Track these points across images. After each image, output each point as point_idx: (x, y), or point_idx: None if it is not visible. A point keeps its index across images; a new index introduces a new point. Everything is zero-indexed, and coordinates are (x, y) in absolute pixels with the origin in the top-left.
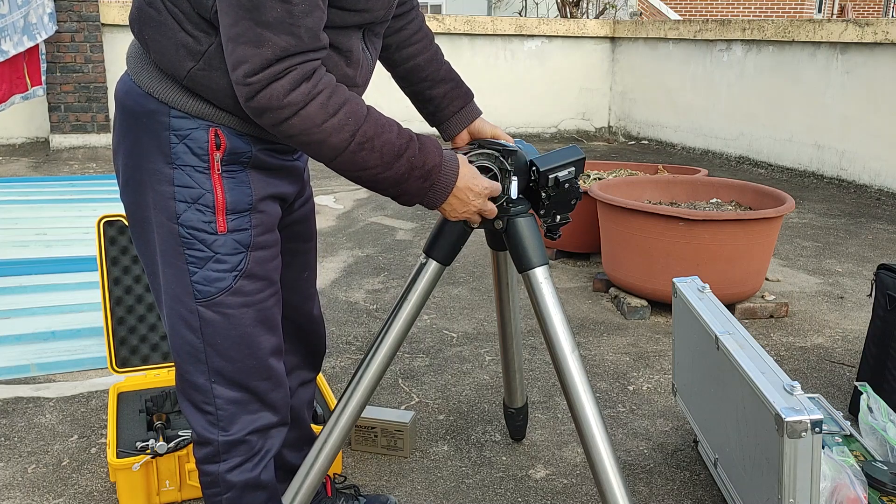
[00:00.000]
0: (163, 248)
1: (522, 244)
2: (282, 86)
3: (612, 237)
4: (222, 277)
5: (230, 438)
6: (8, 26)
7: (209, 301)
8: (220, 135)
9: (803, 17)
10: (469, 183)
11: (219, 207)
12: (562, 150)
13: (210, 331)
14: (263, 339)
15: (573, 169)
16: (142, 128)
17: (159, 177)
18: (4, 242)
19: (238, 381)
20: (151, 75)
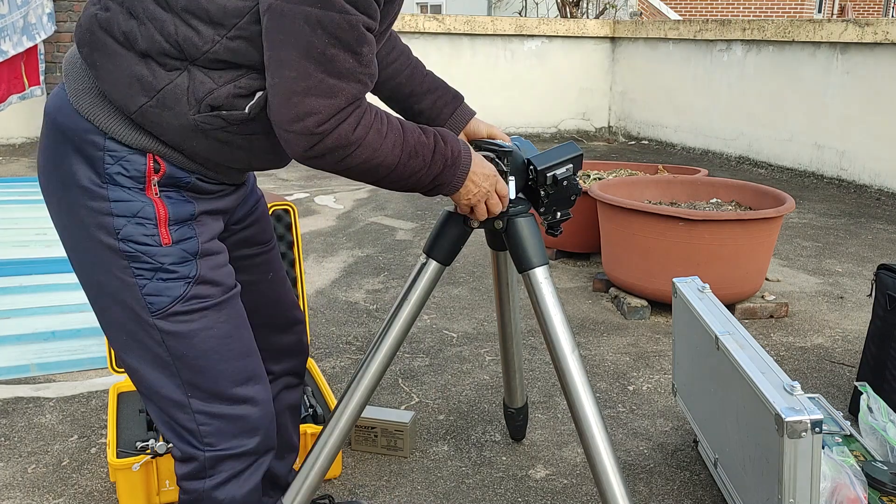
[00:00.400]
0: (105, 267)
1: (522, 244)
2: (349, 124)
3: (612, 237)
4: (173, 286)
5: (217, 454)
6: (7, 26)
7: (164, 312)
8: (159, 160)
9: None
10: (480, 167)
11: (161, 220)
12: (558, 148)
13: (174, 343)
14: (232, 342)
15: (571, 166)
16: (72, 146)
17: (92, 193)
18: (4, 242)
19: (216, 392)
20: (93, 101)
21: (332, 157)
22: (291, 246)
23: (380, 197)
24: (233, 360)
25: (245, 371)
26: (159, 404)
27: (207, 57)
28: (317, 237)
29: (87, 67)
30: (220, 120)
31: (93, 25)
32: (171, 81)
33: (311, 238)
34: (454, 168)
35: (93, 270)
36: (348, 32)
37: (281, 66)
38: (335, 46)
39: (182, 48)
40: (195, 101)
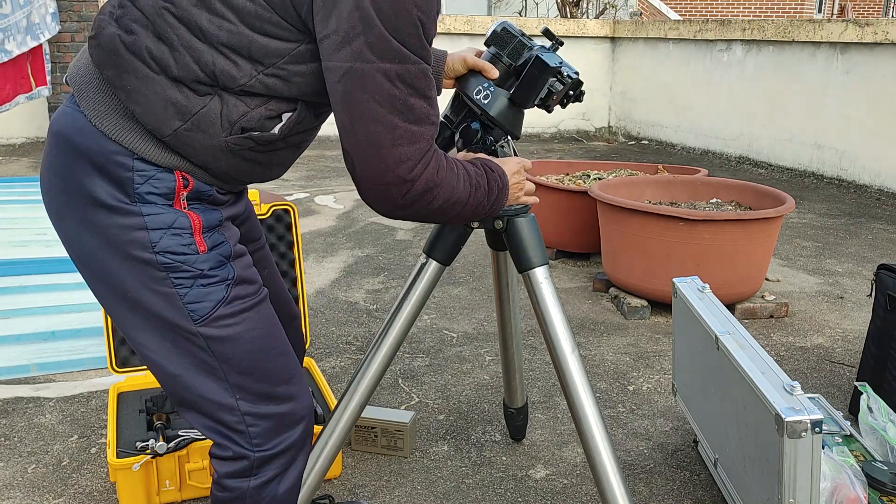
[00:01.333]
0: (140, 282)
1: (522, 244)
2: (433, 167)
3: (612, 237)
4: (215, 290)
5: (266, 453)
6: (11, 26)
7: (209, 318)
8: (188, 176)
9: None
10: (511, 171)
11: (195, 228)
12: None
13: (220, 347)
14: (273, 339)
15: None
16: (94, 166)
17: (122, 211)
18: (4, 242)
19: (264, 392)
20: (120, 122)
21: (421, 202)
22: (291, 246)
23: None
24: (276, 357)
25: (287, 368)
26: (204, 409)
27: (241, 88)
28: (317, 237)
29: (113, 89)
30: (250, 141)
31: (118, 47)
32: (204, 105)
33: (311, 238)
34: (503, 188)
35: (125, 288)
36: (422, 80)
37: (366, 122)
38: (413, 95)
39: (217, 78)
40: (228, 124)
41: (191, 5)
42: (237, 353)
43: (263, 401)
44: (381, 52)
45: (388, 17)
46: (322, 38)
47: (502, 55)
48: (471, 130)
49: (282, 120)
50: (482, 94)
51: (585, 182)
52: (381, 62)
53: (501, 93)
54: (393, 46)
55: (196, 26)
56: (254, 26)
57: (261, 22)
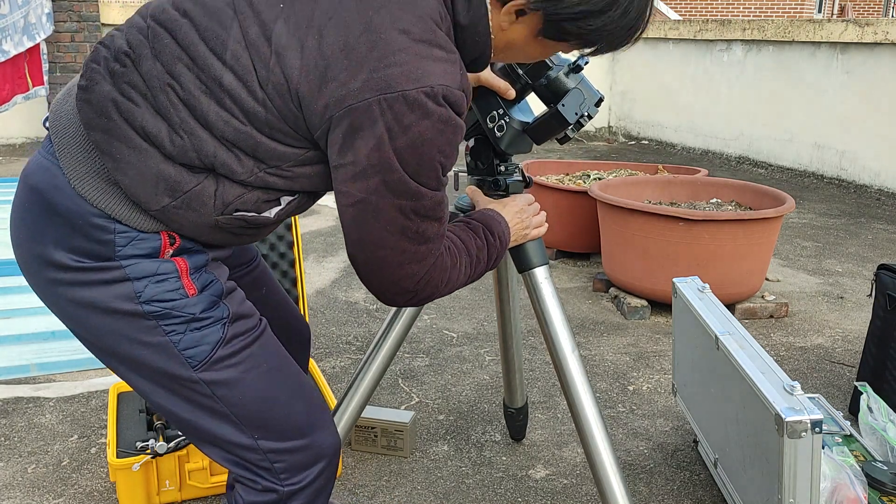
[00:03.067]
0: (129, 337)
1: (522, 244)
2: (438, 275)
3: (612, 237)
4: (211, 332)
5: (295, 487)
6: (9, 26)
7: (208, 362)
8: (175, 236)
9: (803, 17)
10: (514, 221)
11: (182, 271)
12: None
13: (225, 392)
14: (282, 375)
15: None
16: (69, 226)
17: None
18: (4, 242)
19: (284, 430)
20: (102, 189)
21: (424, 298)
22: (291, 246)
23: None
24: (289, 393)
25: (304, 399)
26: (225, 448)
27: (241, 180)
28: (317, 237)
29: (99, 153)
30: (242, 222)
31: (109, 110)
32: (198, 183)
33: (311, 238)
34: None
35: (114, 343)
36: (434, 209)
37: (375, 246)
38: (425, 221)
39: (216, 168)
40: (222, 205)
41: (199, 91)
42: (246, 396)
43: (286, 438)
44: (399, 192)
45: (409, 164)
46: (337, 166)
47: (520, 71)
48: (482, 154)
49: (280, 204)
50: (496, 123)
51: (585, 182)
52: (396, 199)
53: (515, 124)
54: (410, 188)
55: (201, 114)
56: (263, 131)
57: (270, 129)
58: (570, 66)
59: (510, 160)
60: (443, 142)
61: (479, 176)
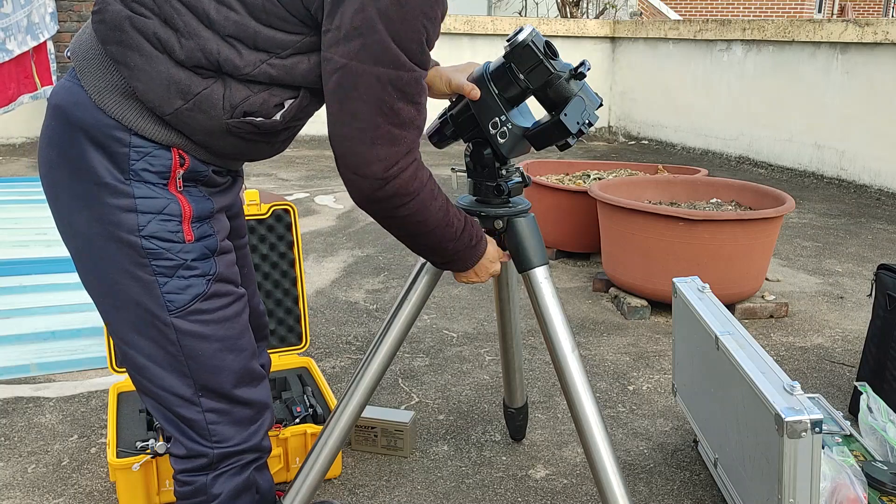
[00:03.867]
0: (120, 265)
1: (522, 244)
2: (409, 173)
3: (612, 237)
4: (195, 283)
5: (227, 450)
6: (12, 25)
7: (184, 310)
8: (184, 155)
9: (803, 17)
10: (490, 257)
11: (185, 216)
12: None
13: (189, 343)
14: (243, 342)
15: None
16: (90, 141)
17: (114, 189)
18: (4, 242)
19: (226, 393)
20: (119, 99)
21: (391, 203)
22: (291, 246)
23: None
24: (242, 359)
25: (252, 371)
26: (165, 402)
27: (244, 76)
28: (317, 237)
29: (115, 65)
30: (251, 126)
31: (123, 24)
32: (207, 87)
33: (311, 238)
34: (474, 250)
35: (105, 269)
36: (413, 87)
37: (352, 119)
38: (401, 100)
39: (220, 66)
40: (230, 107)
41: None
42: (206, 351)
43: (226, 400)
44: (378, 57)
45: (392, 23)
46: (325, 31)
47: (519, 75)
48: (484, 158)
49: (284, 107)
50: (499, 129)
51: (585, 182)
52: (377, 66)
53: (516, 130)
54: (391, 53)
55: (203, 14)
56: (260, 19)
57: (267, 15)
58: (571, 73)
59: (510, 162)
60: (426, 4)
61: (479, 180)
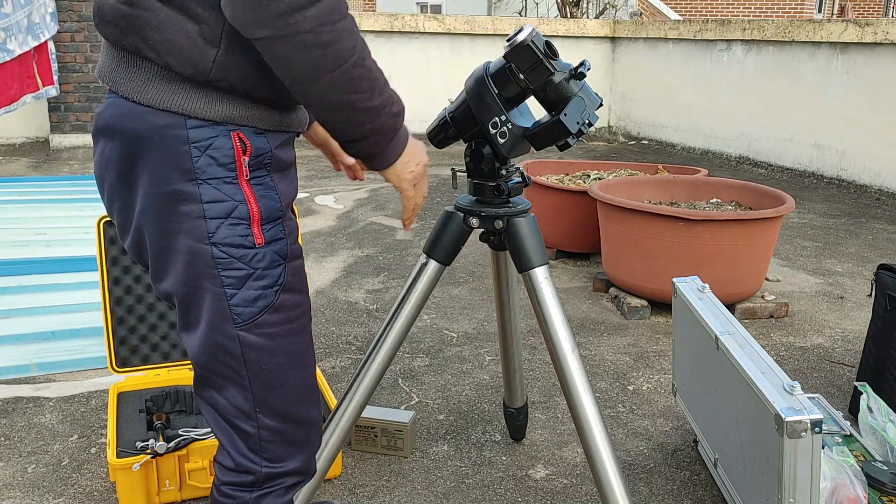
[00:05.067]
0: (189, 275)
1: (522, 244)
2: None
3: (612, 237)
4: (264, 294)
5: (275, 471)
6: (12, 25)
7: (251, 323)
8: (244, 138)
9: (803, 17)
10: (415, 145)
11: (254, 218)
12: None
13: (254, 356)
14: (308, 357)
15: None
16: (154, 148)
17: (181, 196)
18: (4, 242)
19: (285, 411)
20: (161, 87)
21: (294, 18)
22: None
23: (380, 197)
24: (304, 376)
25: (312, 389)
26: (222, 412)
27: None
28: (317, 237)
29: (140, 55)
30: None
31: (122, 11)
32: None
33: (311, 238)
34: (396, 121)
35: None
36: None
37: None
38: None
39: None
40: None
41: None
42: (269, 366)
43: (284, 420)
44: None
45: None
46: None
47: (519, 75)
48: (484, 158)
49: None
50: (499, 129)
51: (585, 182)
52: None
53: (517, 130)
54: None
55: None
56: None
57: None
58: (571, 73)
59: (509, 162)
60: None
61: (480, 180)
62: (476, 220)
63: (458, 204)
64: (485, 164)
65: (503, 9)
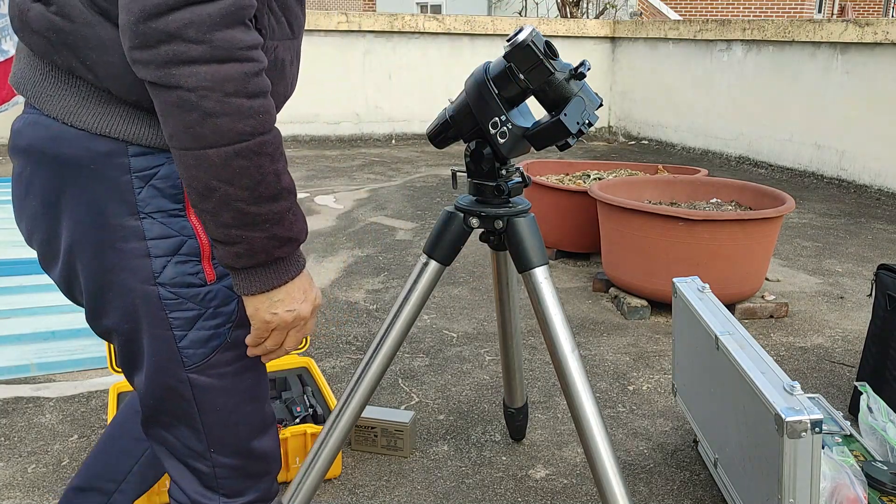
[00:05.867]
0: (134, 317)
1: (522, 244)
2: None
3: (612, 237)
4: (217, 334)
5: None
6: (7, 26)
7: (202, 364)
8: None
9: (803, 17)
10: (310, 287)
11: (204, 253)
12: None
13: (207, 398)
14: (261, 388)
15: None
16: (90, 177)
17: (123, 232)
18: (4, 242)
19: (242, 448)
20: (99, 109)
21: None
22: None
23: (380, 197)
24: (260, 410)
25: (268, 421)
26: (173, 451)
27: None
28: (317, 237)
29: (72, 74)
30: None
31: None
32: None
33: (311, 238)
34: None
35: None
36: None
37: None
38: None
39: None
40: None
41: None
42: (224, 406)
43: (240, 455)
44: None
45: None
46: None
47: (519, 75)
48: (484, 158)
49: None
50: (499, 129)
51: (585, 182)
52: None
53: (517, 130)
54: None
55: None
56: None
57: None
58: (571, 72)
59: (509, 162)
60: None
61: (480, 180)
62: (476, 220)
63: (458, 204)
64: (485, 164)
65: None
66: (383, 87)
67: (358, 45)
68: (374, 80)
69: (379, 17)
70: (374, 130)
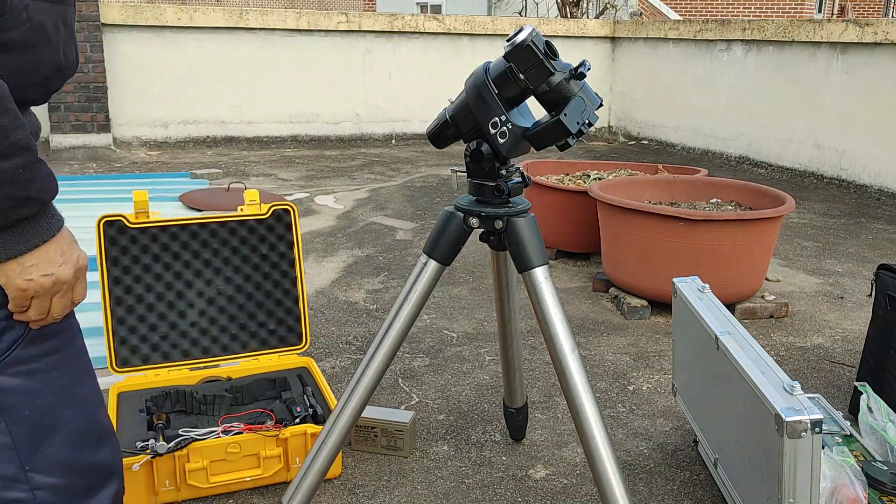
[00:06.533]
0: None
1: (522, 244)
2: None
3: (612, 237)
4: (10, 325)
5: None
6: None
7: (1, 363)
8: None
9: (803, 17)
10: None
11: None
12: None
13: (13, 402)
14: (87, 389)
15: None
16: None
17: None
18: None
19: (66, 462)
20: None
21: None
22: (291, 246)
23: (380, 197)
24: (86, 413)
25: (97, 426)
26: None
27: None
28: (317, 237)
29: None
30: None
31: None
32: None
33: (311, 238)
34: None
35: None
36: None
37: None
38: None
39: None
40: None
41: None
42: (35, 411)
43: (62, 472)
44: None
45: None
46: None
47: (519, 75)
48: (484, 158)
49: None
50: (499, 129)
51: (585, 182)
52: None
53: (517, 130)
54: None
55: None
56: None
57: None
58: (571, 73)
59: (509, 162)
60: None
61: (480, 180)
62: (476, 220)
63: (458, 204)
64: (485, 163)
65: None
66: (383, 87)
67: (358, 45)
68: (374, 80)
69: (379, 17)
70: (374, 130)
